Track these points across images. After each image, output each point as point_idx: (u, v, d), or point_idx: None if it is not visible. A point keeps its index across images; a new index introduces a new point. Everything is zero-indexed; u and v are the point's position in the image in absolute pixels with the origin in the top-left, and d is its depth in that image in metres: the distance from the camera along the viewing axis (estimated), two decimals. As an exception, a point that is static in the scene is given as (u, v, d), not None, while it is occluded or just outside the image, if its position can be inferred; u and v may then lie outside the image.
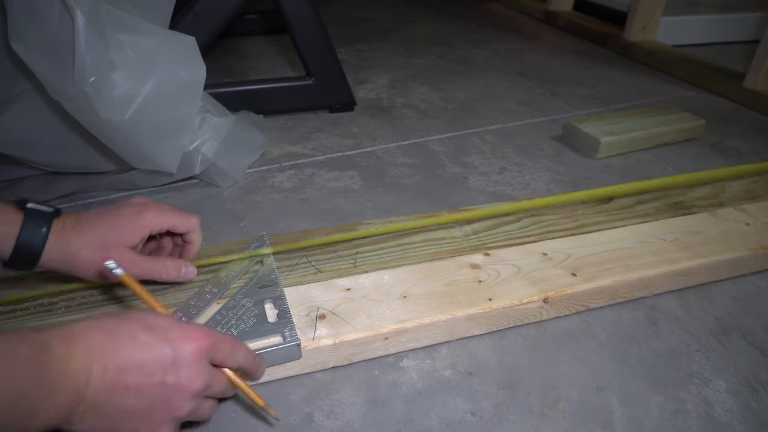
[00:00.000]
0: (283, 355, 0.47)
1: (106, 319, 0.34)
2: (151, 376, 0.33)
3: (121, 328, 0.34)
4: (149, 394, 0.33)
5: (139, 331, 0.34)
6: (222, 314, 0.49)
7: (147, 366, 0.33)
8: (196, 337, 0.35)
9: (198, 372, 0.35)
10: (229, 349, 0.38)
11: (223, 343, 0.37)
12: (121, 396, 0.33)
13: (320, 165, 0.86)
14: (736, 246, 0.61)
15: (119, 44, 0.62)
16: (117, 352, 0.32)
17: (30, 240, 0.43)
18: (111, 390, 0.32)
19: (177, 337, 0.35)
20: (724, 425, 0.46)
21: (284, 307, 0.50)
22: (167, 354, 0.34)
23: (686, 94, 1.18)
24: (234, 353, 0.38)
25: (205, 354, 0.36)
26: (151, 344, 0.34)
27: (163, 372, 0.34)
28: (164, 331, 0.35)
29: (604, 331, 0.55)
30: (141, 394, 0.33)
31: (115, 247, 0.46)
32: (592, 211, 0.70)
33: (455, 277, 0.56)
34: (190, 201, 0.76)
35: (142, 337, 0.34)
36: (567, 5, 1.75)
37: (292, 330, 0.47)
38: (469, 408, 0.47)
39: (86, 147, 0.70)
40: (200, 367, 0.36)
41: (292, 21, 0.95)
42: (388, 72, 1.30)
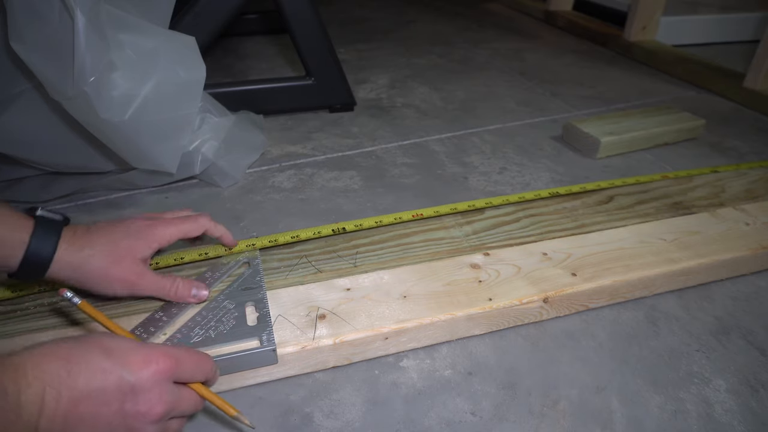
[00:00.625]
0: (258, 359, 0.46)
1: (62, 345, 0.32)
2: (109, 405, 0.32)
3: (76, 355, 0.32)
4: (106, 423, 0.32)
5: (96, 356, 0.32)
6: (202, 315, 0.49)
7: (104, 394, 0.32)
8: (155, 360, 0.34)
9: (159, 396, 0.34)
10: (194, 366, 0.37)
11: (188, 361, 0.36)
12: (76, 426, 0.31)
13: (320, 165, 0.87)
14: (736, 246, 0.61)
15: (119, 44, 0.62)
16: (72, 380, 0.31)
17: (40, 248, 0.42)
18: (65, 420, 0.31)
19: (136, 361, 0.33)
20: (724, 425, 0.46)
21: (265, 311, 0.50)
22: (126, 380, 0.32)
23: (686, 94, 1.18)
24: (200, 368, 0.37)
25: (167, 376, 0.35)
26: (108, 370, 0.32)
27: (122, 399, 0.32)
28: (123, 355, 0.33)
29: (604, 331, 0.55)
30: (97, 423, 0.32)
31: (127, 258, 0.45)
32: (592, 211, 0.70)
33: (455, 277, 0.56)
34: (190, 201, 0.76)
35: (99, 363, 0.32)
36: (567, 5, 1.75)
37: (270, 334, 0.47)
38: (469, 408, 0.47)
39: (86, 147, 0.70)
40: (161, 390, 0.34)
41: (292, 21, 0.95)
42: (388, 72, 1.30)
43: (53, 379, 0.31)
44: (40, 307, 0.52)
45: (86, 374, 0.32)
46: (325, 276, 0.56)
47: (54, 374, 0.31)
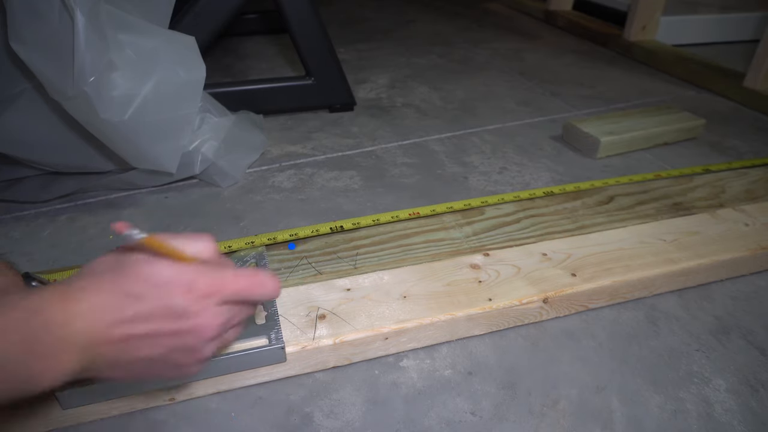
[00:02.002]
0: (268, 357, 0.46)
1: (105, 277, 0.33)
2: (161, 329, 0.33)
3: (122, 280, 0.32)
4: (164, 344, 0.33)
5: (141, 285, 0.32)
6: None
7: (155, 319, 0.33)
8: (200, 286, 0.34)
9: (211, 317, 0.34)
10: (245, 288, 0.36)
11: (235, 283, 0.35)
12: (136, 349, 0.33)
13: (320, 165, 0.86)
14: (736, 246, 0.61)
15: (119, 44, 0.62)
16: (122, 308, 0.32)
17: None
18: (122, 345, 0.32)
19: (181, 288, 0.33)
20: (724, 425, 0.46)
21: (273, 309, 0.50)
22: (174, 304, 0.33)
23: (686, 93, 1.18)
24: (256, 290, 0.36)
25: (215, 300, 0.35)
26: (156, 297, 0.33)
27: (173, 322, 0.33)
28: (167, 283, 0.33)
29: (604, 331, 0.55)
30: (155, 345, 0.33)
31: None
32: (591, 211, 0.70)
33: (455, 277, 0.56)
34: (190, 201, 0.76)
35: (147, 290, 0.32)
36: (567, 5, 1.75)
37: (278, 333, 0.47)
38: (469, 408, 0.47)
39: (86, 147, 0.70)
40: (212, 312, 0.34)
41: (292, 21, 0.95)
42: (388, 72, 1.30)
43: (102, 309, 0.31)
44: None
45: (137, 300, 0.32)
46: (325, 277, 0.57)
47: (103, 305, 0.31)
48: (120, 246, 0.36)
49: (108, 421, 0.45)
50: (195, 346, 0.35)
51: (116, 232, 0.33)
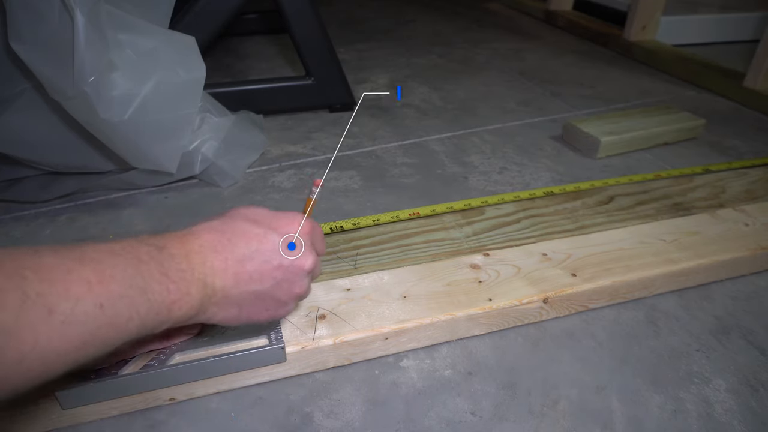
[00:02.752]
0: (267, 357, 0.46)
1: (215, 221, 0.37)
2: (269, 262, 0.37)
3: (229, 225, 0.37)
4: (271, 277, 0.37)
5: (247, 224, 0.37)
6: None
7: (263, 253, 0.37)
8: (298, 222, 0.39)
9: (308, 252, 0.39)
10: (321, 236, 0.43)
11: (318, 230, 0.42)
12: (247, 283, 0.36)
13: (320, 165, 0.86)
14: (736, 246, 0.61)
15: (119, 44, 0.62)
16: (232, 246, 0.36)
17: None
18: (236, 279, 0.36)
19: (282, 224, 0.38)
20: (724, 425, 0.46)
21: None
22: (277, 240, 0.37)
23: (686, 93, 1.18)
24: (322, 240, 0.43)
25: (308, 236, 0.39)
26: (261, 234, 0.37)
27: (278, 256, 0.37)
28: (270, 222, 0.38)
29: (604, 331, 0.55)
30: (264, 278, 0.37)
31: None
32: (592, 211, 0.70)
33: (455, 277, 0.56)
34: (190, 201, 0.76)
35: (252, 230, 0.37)
36: (567, 5, 1.75)
37: (278, 333, 0.47)
38: (469, 408, 0.47)
39: (86, 147, 0.70)
40: (308, 247, 0.39)
41: (292, 21, 0.95)
42: (388, 72, 1.30)
43: (216, 247, 0.35)
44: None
45: (244, 240, 0.36)
46: (325, 277, 0.56)
47: (216, 242, 0.36)
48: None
49: (108, 421, 0.45)
50: (296, 279, 0.39)
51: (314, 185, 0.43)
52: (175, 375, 0.44)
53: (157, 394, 0.46)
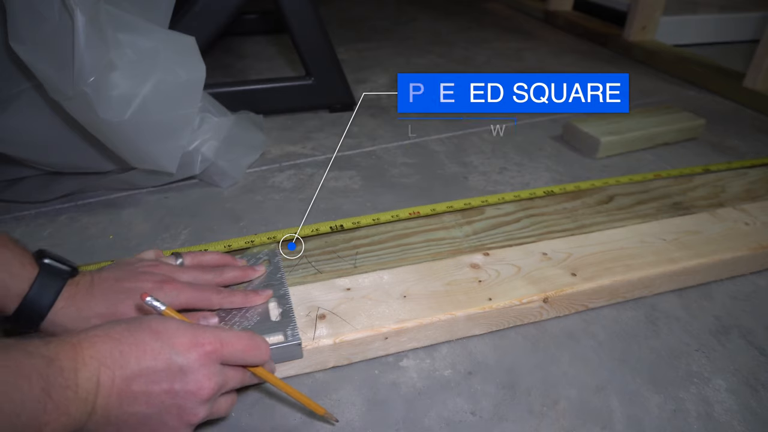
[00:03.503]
0: (284, 354, 0.47)
1: (115, 327, 0.34)
2: (159, 383, 0.33)
3: (128, 336, 0.34)
4: (158, 402, 0.34)
5: (147, 337, 0.34)
6: (226, 311, 0.49)
7: (154, 373, 0.33)
8: (202, 342, 0.35)
9: (207, 377, 0.35)
10: (242, 349, 0.37)
11: (235, 344, 0.37)
12: (131, 404, 0.33)
13: (320, 165, 0.86)
14: (736, 245, 0.61)
15: (119, 44, 0.62)
16: (124, 360, 0.33)
17: (37, 300, 0.41)
18: (120, 398, 0.32)
19: (183, 343, 0.34)
20: (723, 425, 0.46)
21: (288, 306, 0.50)
22: (174, 361, 0.34)
23: (686, 94, 1.18)
24: (249, 352, 0.38)
25: (213, 358, 0.36)
26: (157, 351, 0.33)
27: (171, 379, 0.34)
28: (171, 337, 0.34)
29: (604, 330, 0.55)
30: (150, 401, 0.33)
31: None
32: (592, 211, 0.70)
33: (455, 276, 0.56)
34: (190, 201, 0.76)
35: (149, 344, 0.33)
36: (567, 5, 1.75)
37: (294, 329, 0.47)
38: (469, 408, 0.47)
39: (86, 147, 0.70)
40: (209, 371, 0.35)
41: (292, 21, 0.95)
42: (388, 72, 1.30)
43: (107, 359, 0.32)
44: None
45: (137, 354, 0.33)
46: (325, 276, 0.57)
47: (107, 354, 0.32)
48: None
49: (108, 420, 0.45)
50: (188, 406, 0.35)
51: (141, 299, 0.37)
52: None
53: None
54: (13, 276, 0.40)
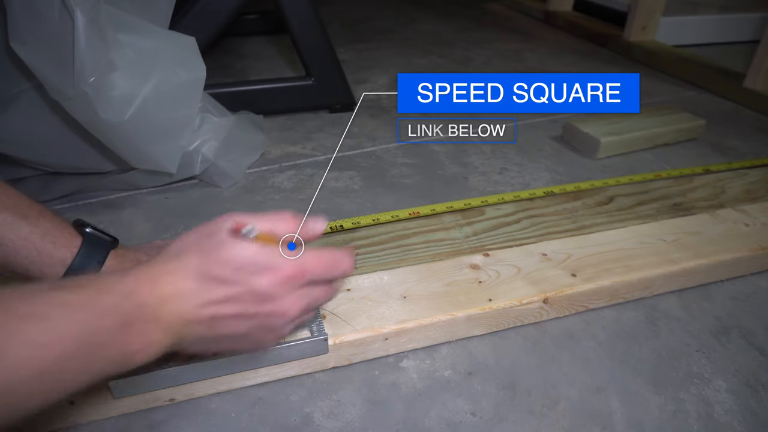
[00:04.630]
0: (310, 349, 0.47)
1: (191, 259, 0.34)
2: (245, 311, 0.35)
3: (208, 268, 0.34)
4: (245, 325, 0.35)
5: (228, 268, 0.34)
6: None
7: (238, 302, 0.34)
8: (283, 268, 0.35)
9: (291, 301, 0.36)
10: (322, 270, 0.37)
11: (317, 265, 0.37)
12: (223, 326, 0.35)
13: (320, 165, 0.86)
14: (736, 246, 0.61)
15: (119, 44, 0.62)
16: (208, 292, 0.33)
17: (82, 268, 0.41)
18: (210, 324, 0.34)
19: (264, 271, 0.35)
20: (724, 425, 0.46)
21: None
22: (255, 288, 0.34)
23: (686, 94, 1.18)
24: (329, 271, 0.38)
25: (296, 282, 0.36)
26: (241, 281, 0.34)
27: (256, 305, 0.35)
28: (252, 264, 0.35)
29: (604, 331, 0.55)
30: (239, 324, 0.35)
31: None
32: (592, 212, 0.70)
33: (455, 277, 0.56)
34: (190, 201, 0.76)
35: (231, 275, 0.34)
36: (567, 5, 1.75)
37: (319, 325, 0.48)
38: (469, 408, 0.47)
39: (86, 147, 0.70)
40: (292, 295, 0.36)
41: (292, 21, 0.95)
42: (388, 72, 1.30)
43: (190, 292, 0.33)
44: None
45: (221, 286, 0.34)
46: (325, 276, 0.56)
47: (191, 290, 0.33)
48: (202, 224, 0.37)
49: (108, 421, 0.45)
50: (276, 325, 0.37)
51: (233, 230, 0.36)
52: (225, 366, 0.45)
53: (157, 395, 0.46)
54: (57, 245, 0.41)
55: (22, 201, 0.41)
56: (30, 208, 0.41)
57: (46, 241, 0.41)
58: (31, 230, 0.40)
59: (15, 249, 0.40)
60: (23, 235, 0.40)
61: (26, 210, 0.41)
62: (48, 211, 0.42)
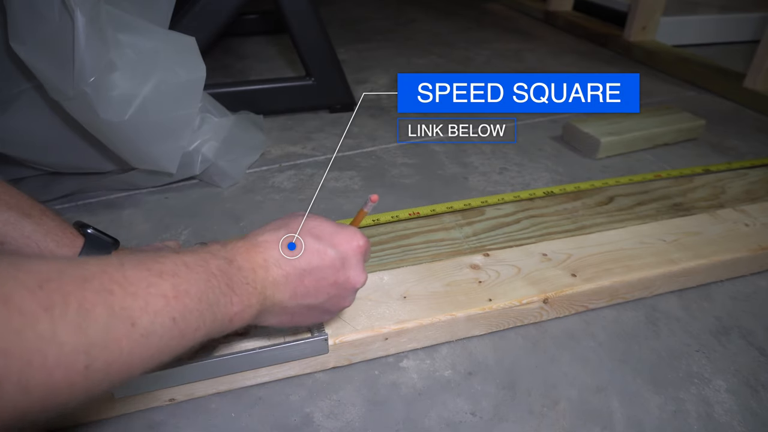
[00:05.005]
0: (311, 349, 0.47)
1: (281, 231, 0.38)
2: (326, 278, 0.39)
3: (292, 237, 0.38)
4: (326, 293, 0.39)
5: (309, 239, 0.38)
6: None
7: (321, 270, 0.38)
8: (357, 239, 0.40)
9: (361, 270, 0.41)
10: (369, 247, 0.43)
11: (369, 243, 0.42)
12: (303, 296, 0.38)
13: (320, 165, 0.86)
14: (736, 246, 0.61)
15: (119, 44, 0.62)
16: (296, 261, 0.37)
17: None
18: (294, 292, 0.38)
19: (342, 241, 0.39)
20: (724, 425, 0.46)
21: None
22: (336, 257, 0.39)
23: (686, 94, 1.18)
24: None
25: (364, 254, 0.41)
26: (321, 250, 0.38)
27: (335, 272, 0.39)
28: (330, 237, 0.39)
29: (604, 331, 0.55)
30: (319, 293, 0.39)
31: None
32: (591, 212, 0.70)
33: (455, 277, 0.56)
34: (190, 201, 0.76)
35: (313, 245, 0.38)
36: (567, 5, 1.75)
37: (320, 325, 0.48)
38: (469, 408, 0.47)
39: (86, 147, 0.70)
40: (362, 265, 0.41)
41: (292, 21, 0.95)
42: (388, 72, 1.30)
43: (279, 261, 0.37)
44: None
45: (306, 255, 0.38)
46: (325, 276, 0.56)
47: (279, 257, 0.37)
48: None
49: (108, 421, 0.45)
50: (345, 295, 0.41)
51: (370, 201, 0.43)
52: (225, 366, 0.45)
53: (156, 395, 0.46)
54: (60, 244, 0.42)
55: (25, 200, 0.43)
56: (32, 207, 0.43)
57: (48, 240, 0.42)
58: (34, 229, 0.41)
59: (18, 247, 0.41)
60: (26, 233, 0.41)
61: (29, 209, 0.42)
62: (50, 211, 0.43)
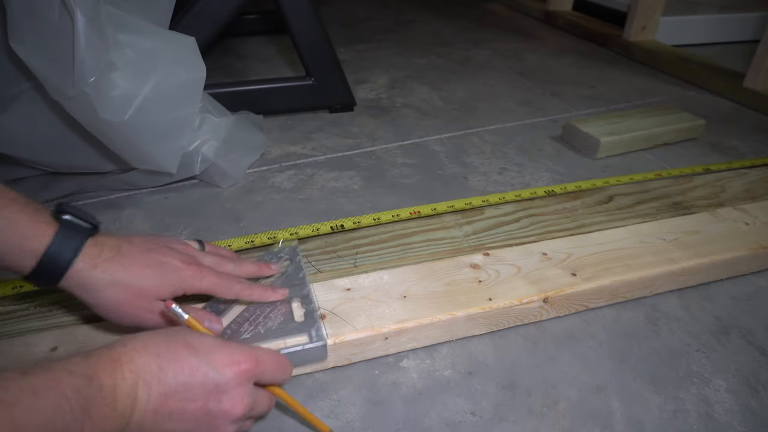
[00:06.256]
0: (310, 355, 0.47)
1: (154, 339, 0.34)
2: (195, 401, 0.34)
3: (165, 350, 0.33)
4: (192, 419, 0.34)
5: (184, 352, 0.34)
6: (250, 311, 0.49)
7: (191, 390, 0.33)
8: (239, 360, 0.35)
9: (241, 397, 0.35)
10: (274, 369, 0.37)
11: (268, 363, 0.37)
12: (165, 420, 0.33)
13: (320, 165, 0.87)
14: (736, 245, 0.61)
15: (119, 44, 0.62)
16: (162, 375, 0.33)
17: (54, 260, 0.38)
18: (155, 414, 0.33)
19: (221, 360, 0.34)
20: (724, 425, 0.46)
21: (311, 307, 0.50)
22: (211, 378, 0.34)
23: (686, 94, 1.18)
24: (279, 371, 0.38)
25: (249, 376, 0.36)
26: (195, 367, 0.34)
27: (206, 397, 0.34)
28: (209, 353, 0.34)
29: (604, 330, 0.55)
30: (184, 418, 0.34)
31: (146, 297, 0.42)
32: (591, 211, 0.70)
33: (455, 277, 0.56)
34: (190, 201, 0.76)
35: (187, 359, 0.34)
36: (567, 5, 1.75)
37: (318, 330, 0.47)
38: (469, 408, 0.47)
39: (86, 147, 0.70)
40: (243, 391, 0.35)
41: (292, 21, 0.95)
42: (388, 72, 1.30)
43: (145, 373, 0.32)
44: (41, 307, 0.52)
45: (175, 369, 0.33)
46: (325, 276, 0.56)
47: (146, 368, 0.32)
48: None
49: None
50: (219, 424, 0.35)
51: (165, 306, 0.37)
52: None
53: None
54: (25, 237, 0.38)
55: None
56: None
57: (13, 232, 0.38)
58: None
59: None
60: None
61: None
62: (21, 199, 0.39)
